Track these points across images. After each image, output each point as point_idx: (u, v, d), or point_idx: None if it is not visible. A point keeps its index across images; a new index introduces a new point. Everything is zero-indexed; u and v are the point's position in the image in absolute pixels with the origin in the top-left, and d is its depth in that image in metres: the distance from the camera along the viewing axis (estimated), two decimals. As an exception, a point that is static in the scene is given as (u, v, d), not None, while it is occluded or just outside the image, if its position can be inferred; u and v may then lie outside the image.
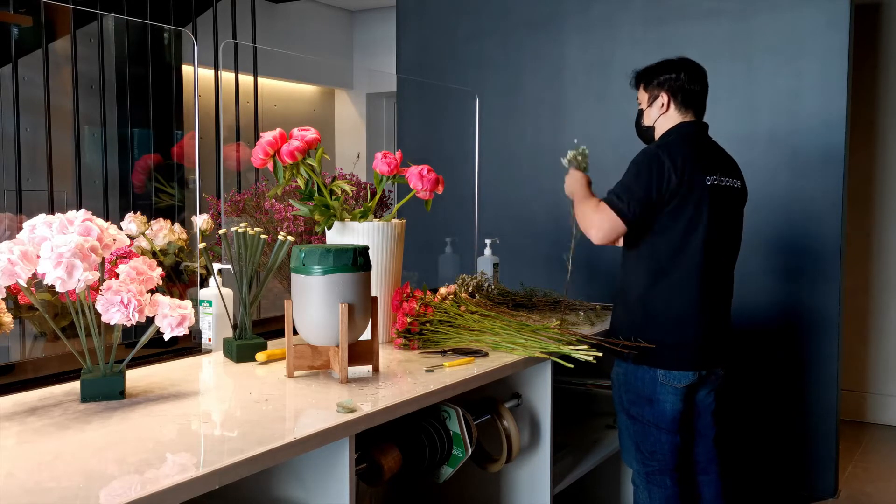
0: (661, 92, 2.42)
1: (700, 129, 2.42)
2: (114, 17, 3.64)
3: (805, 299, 3.47)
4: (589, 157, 2.65)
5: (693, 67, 2.43)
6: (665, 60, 2.46)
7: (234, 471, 1.29)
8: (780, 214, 3.45)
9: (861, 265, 4.63)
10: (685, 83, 2.39)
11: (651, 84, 2.45)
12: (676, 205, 2.28)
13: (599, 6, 3.85)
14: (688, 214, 2.28)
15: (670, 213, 2.29)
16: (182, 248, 2.42)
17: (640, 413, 2.39)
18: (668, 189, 2.26)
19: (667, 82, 2.41)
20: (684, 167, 2.27)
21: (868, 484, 3.76)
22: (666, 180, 2.26)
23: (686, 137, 2.37)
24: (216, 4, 3.77)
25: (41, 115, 3.13)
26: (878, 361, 4.68)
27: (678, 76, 2.40)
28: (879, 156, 4.61)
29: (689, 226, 2.29)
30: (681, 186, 2.26)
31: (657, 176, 2.26)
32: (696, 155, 2.32)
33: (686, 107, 2.40)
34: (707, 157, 2.36)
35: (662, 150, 2.31)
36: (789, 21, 3.44)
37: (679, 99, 2.40)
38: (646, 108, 2.47)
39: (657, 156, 2.29)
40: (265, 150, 2.12)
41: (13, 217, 2.93)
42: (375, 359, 1.90)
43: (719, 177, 2.35)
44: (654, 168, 2.27)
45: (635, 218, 2.28)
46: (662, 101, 2.41)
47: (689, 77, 2.40)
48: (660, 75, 2.42)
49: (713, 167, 2.34)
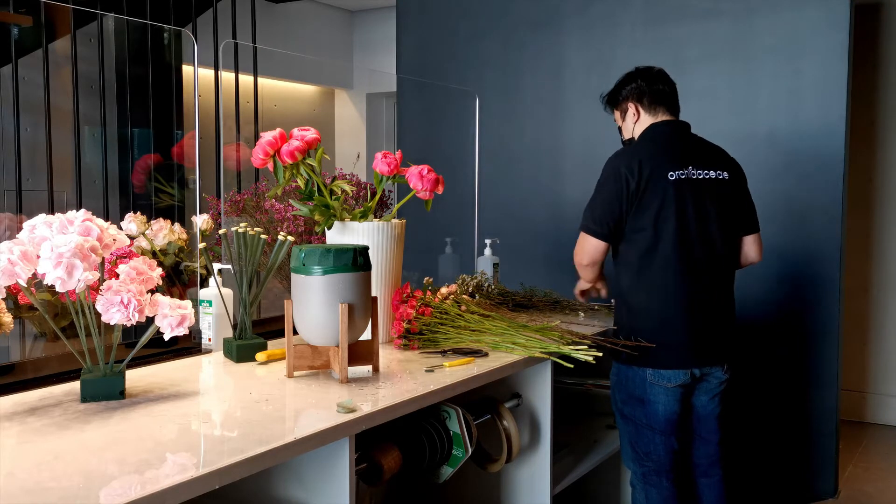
0: (627, 104, 2.51)
1: (672, 126, 2.45)
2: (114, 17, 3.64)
3: (805, 299, 3.47)
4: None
5: (648, 71, 2.51)
6: (623, 76, 2.55)
7: (234, 471, 1.29)
8: (780, 214, 3.45)
9: (861, 265, 4.63)
10: (645, 86, 2.47)
11: (618, 102, 2.55)
12: (640, 205, 2.32)
13: (599, 6, 3.85)
14: (653, 212, 2.32)
15: (636, 215, 2.33)
16: (182, 248, 2.42)
17: (633, 413, 2.40)
18: (628, 194, 2.32)
19: (629, 92, 2.50)
20: (641, 168, 2.32)
21: (868, 484, 3.76)
22: (625, 186, 2.32)
23: (651, 137, 2.43)
24: (216, 4, 3.77)
25: (41, 115, 3.13)
26: (878, 361, 4.68)
27: (637, 83, 2.49)
28: (879, 156, 4.61)
29: (656, 224, 2.33)
30: (639, 187, 2.31)
31: (615, 185, 2.33)
32: (657, 152, 2.36)
33: (654, 107, 2.47)
34: (674, 152, 2.37)
35: (618, 158, 2.39)
36: (789, 21, 3.44)
37: (645, 102, 2.47)
38: (622, 124, 2.57)
39: (613, 165, 2.37)
40: (265, 150, 2.12)
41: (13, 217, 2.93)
42: (375, 359, 1.90)
43: (691, 170, 2.35)
44: (611, 178, 2.35)
45: (610, 232, 2.36)
46: (632, 111, 2.50)
47: (646, 80, 2.48)
48: (622, 90, 2.53)
49: (682, 162, 2.35)
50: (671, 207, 2.32)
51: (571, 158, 3.92)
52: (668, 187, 2.32)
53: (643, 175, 2.31)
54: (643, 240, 2.34)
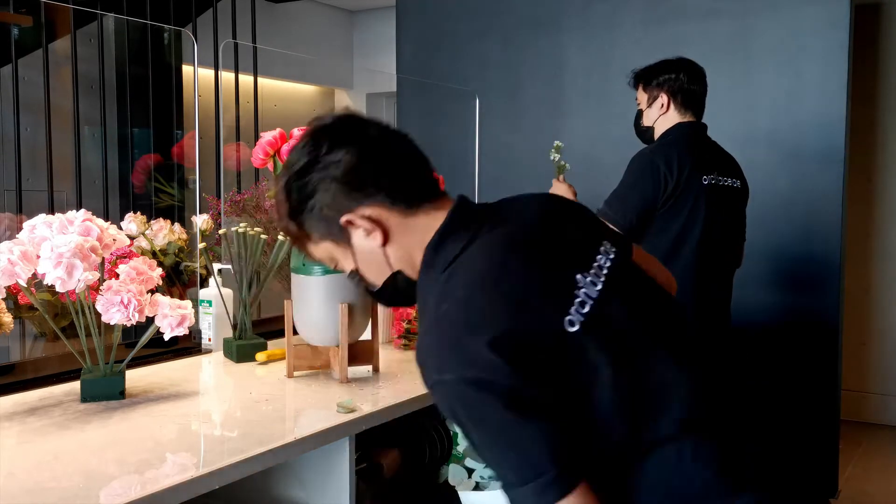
0: (660, 92, 2.41)
1: (698, 129, 2.42)
2: (114, 17, 3.64)
3: (806, 300, 3.47)
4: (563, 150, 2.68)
5: (693, 68, 2.42)
6: (665, 60, 2.45)
7: (234, 471, 1.29)
8: (781, 215, 3.44)
9: (861, 265, 4.63)
10: (685, 83, 2.39)
11: (650, 84, 2.44)
12: (672, 206, 2.28)
13: (600, 6, 3.84)
14: (684, 216, 2.28)
15: (665, 215, 2.29)
16: (182, 248, 2.42)
17: None
18: (664, 193, 2.26)
19: (666, 83, 2.40)
20: (680, 168, 2.27)
21: (868, 484, 3.76)
22: (662, 184, 2.26)
23: (683, 138, 2.37)
24: (216, 4, 3.77)
25: (41, 115, 3.13)
26: (878, 361, 4.67)
27: (678, 76, 2.39)
28: (880, 156, 4.61)
29: (684, 227, 2.29)
30: (676, 188, 2.26)
31: (653, 181, 2.26)
32: (692, 155, 2.32)
33: (686, 107, 2.40)
34: (704, 156, 2.36)
35: (657, 154, 2.31)
36: (789, 21, 3.44)
37: (679, 100, 2.40)
38: (645, 109, 2.47)
39: (651, 160, 2.29)
40: (265, 150, 2.12)
41: (13, 217, 2.92)
42: (375, 359, 1.90)
43: (717, 176, 2.34)
44: (647, 173, 2.27)
45: (631, 226, 2.27)
46: (662, 102, 2.41)
47: (689, 77, 2.39)
48: (659, 76, 2.42)
49: (710, 167, 2.34)
50: (701, 212, 2.28)
51: (572, 158, 3.90)
52: (702, 192, 2.28)
53: (681, 176, 2.25)
54: (666, 241, 2.29)
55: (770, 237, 3.47)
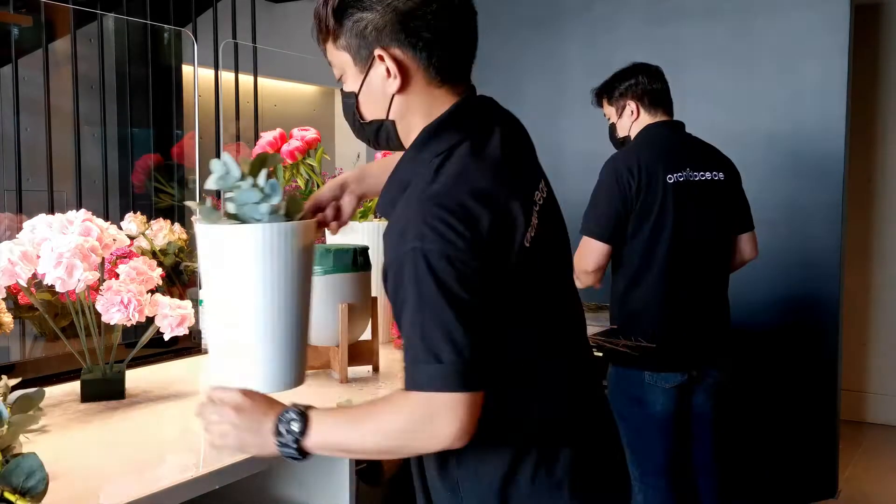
0: (626, 100, 2.45)
1: (669, 126, 2.43)
2: (114, 17, 3.64)
3: (805, 300, 3.47)
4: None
5: (649, 68, 2.46)
6: (620, 70, 2.49)
7: (234, 471, 1.29)
8: (781, 215, 3.44)
9: (861, 265, 4.63)
10: (647, 84, 2.42)
11: (614, 96, 2.48)
12: (640, 208, 2.31)
13: (600, 6, 3.85)
14: (653, 216, 2.31)
15: (637, 217, 2.32)
16: (182, 248, 2.42)
17: (630, 414, 2.39)
18: (630, 196, 2.30)
19: (629, 89, 2.44)
20: (640, 169, 2.30)
21: (868, 484, 3.76)
22: (626, 188, 2.30)
23: (649, 139, 2.40)
24: (216, 4, 3.77)
25: (41, 115, 3.12)
26: (878, 361, 4.67)
27: (638, 80, 2.43)
28: (879, 156, 4.61)
29: (655, 227, 2.31)
30: (639, 191, 2.29)
31: (617, 187, 2.30)
32: (656, 155, 2.34)
33: (654, 107, 2.44)
34: (672, 154, 2.36)
35: (619, 159, 2.35)
36: (789, 21, 3.44)
37: (646, 101, 2.43)
38: (617, 121, 2.49)
39: (615, 167, 2.33)
40: (265, 150, 2.12)
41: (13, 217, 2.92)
42: (375, 359, 1.90)
43: (688, 172, 2.34)
44: (612, 180, 2.32)
45: (613, 235, 2.33)
46: (631, 109, 2.44)
47: (648, 78, 2.43)
48: (621, 84, 2.45)
49: (679, 164, 2.34)
50: (669, 211, 2.31)
51: (571, 158, 3.91)
52: (668, 191, 2.31)
53: (642, 178, 2.29)
54: (641, 243, 2.33)
55: (770, 237, 3.47)
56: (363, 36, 1.10)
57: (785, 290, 3.49)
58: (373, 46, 1.10)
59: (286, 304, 1.22)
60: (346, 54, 1.13)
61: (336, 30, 1.12)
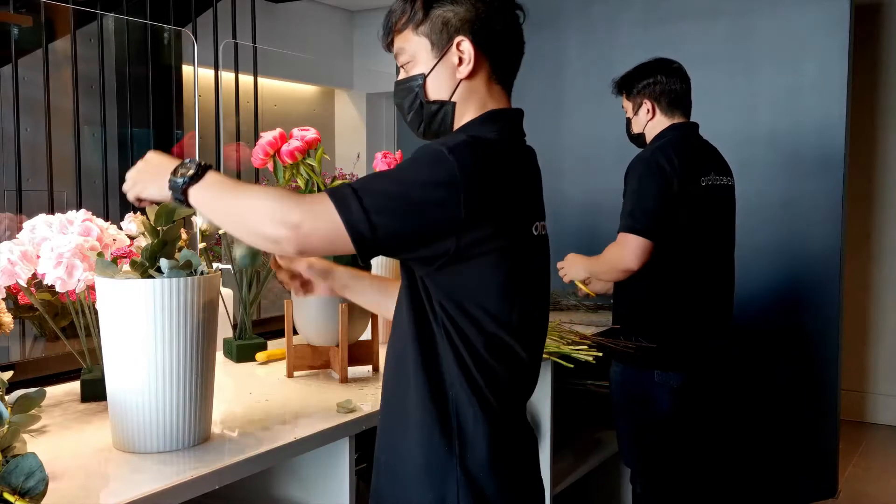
0: (643, 99, 2.40)
1: (691, 129, 2.41)
2: (114, 17, 3.64)
3: (805, 299, 3.47)
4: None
5: (669, 66, 2.40)
6: (640, 65, 2.43)
7: (234, 471, 1.29)
8: (781, 215, 3.44)
9: (861, 265, 4.63)
10: (665, 85, 2.37)
11: (632, 93, 2.43)
12: (674, 208, 2.27)
13: (600, 6, 3.84)
14: (684, 217, 2.27)
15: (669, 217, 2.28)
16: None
17: (636, 413, 2.39)
18: (670, 193, 2.25)
19: (646, 88, 2.38)
20: (681, 170, 2.26)
21: (868, 484, 3.76)
22: (668, 185, 2.24)
23: (679, 140, 2.35)
24: (216, 4, 3.77)
25: (41, 115, 3.12)
26: (878, 361, 4.67)
27: (656, 80, 2.37)
28: (879, 156, 4.61)
29: (685, 228, 2.28)
30: (679, 190, 2.25)
31: (660, 182, 2.24)
32: (690, 157, 2.31)
33: (672, 108, 2.38)
34: (700, 157, 2.36)
35: (659, 155, 2.28)
36: (789, 21, 3.44)
37: (664, 102, 2.38)
38: (633, 117, 2.46)
39: (656, 162, 2.26)
40: (265, 150, 2.12)
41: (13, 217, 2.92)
42: (375, 359, 1.90)
43: (713, 176, 2.34)
44: (655, 175, 2.25)
45: (658, 231, 2.23)
46: (647, 108, 2.40)
47: (667, 78, 2.37)
48: (638, 82, 2.40)
49: (707, 167, 2.34)
50: (702, 213, 2.29)
51: (571, 158, 3.91)
52: (701, 194, 2.29)
53: (683, 177, 2.25)
54: (669, 243, 2.27)
55: (770, 237, 3.48)
56: (448, 24, 1.26)
57: (785, 290, 3.49)
58: (454, 35, 1.26)
59: (184, 359, 1.25)
60: (426, 40, 1.27)
61: (422, 18, 1.26)
